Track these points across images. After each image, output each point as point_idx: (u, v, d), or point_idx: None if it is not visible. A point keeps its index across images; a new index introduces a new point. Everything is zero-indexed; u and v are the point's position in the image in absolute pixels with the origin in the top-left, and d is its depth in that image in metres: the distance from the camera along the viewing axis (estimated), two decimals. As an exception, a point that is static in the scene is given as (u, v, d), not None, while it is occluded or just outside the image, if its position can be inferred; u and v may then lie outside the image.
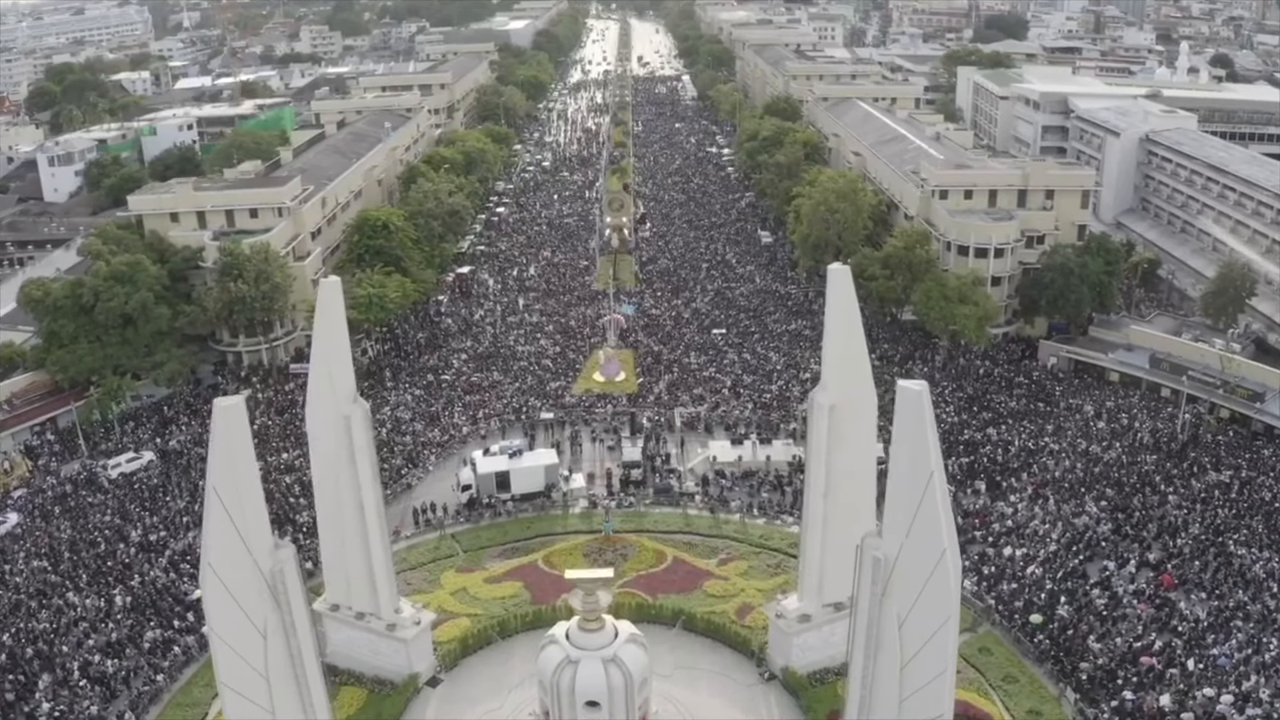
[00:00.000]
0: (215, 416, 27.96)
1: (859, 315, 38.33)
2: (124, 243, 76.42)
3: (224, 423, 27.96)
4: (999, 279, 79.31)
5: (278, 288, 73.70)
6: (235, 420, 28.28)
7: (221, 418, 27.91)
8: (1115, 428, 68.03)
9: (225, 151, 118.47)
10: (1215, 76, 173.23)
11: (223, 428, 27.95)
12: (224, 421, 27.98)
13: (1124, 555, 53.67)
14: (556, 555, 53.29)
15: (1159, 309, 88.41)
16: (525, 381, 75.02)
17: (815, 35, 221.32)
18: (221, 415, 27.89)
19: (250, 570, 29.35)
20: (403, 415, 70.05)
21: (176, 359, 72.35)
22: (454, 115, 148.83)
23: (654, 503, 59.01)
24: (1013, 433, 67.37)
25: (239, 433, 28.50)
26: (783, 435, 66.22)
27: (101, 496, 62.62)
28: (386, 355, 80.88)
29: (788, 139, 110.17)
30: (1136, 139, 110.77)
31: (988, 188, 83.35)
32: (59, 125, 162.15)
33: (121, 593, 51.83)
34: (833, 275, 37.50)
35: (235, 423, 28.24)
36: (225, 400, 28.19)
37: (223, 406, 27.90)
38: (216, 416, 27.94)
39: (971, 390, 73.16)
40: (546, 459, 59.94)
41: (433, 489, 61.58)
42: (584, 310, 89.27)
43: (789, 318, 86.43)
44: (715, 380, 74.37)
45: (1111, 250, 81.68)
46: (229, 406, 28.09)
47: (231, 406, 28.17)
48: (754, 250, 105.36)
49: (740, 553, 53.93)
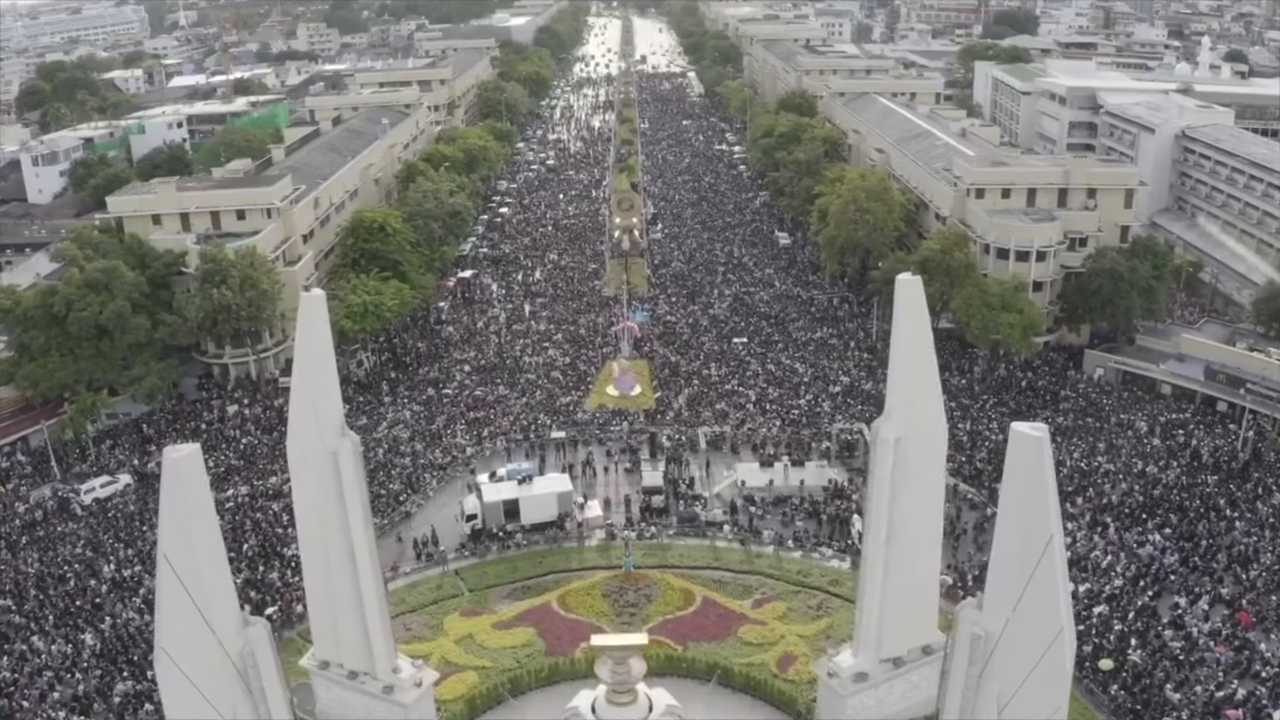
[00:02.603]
0: (166, 469, 22.60)
1: (930, 333, 32.95)
2: (101, 247, 71.09)
3: (177, 476, 22.60)
4: (1040, 284, 74.06)
5: (265, 295, 68.16)
6: (190, 473, 22.89)
7: (173, 471, 22.54)
8: (1171, 445, 63.46)
9: (214, 149, 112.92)
10: (1238, 72, 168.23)
11: (175, 483, 22.60)
12: (176, 475, 22.61)
13: (1195, 590, 49.21)
14: (572, 596, 47.97)
15: (1204, 315, 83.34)
16: (533, 396, 69.62)
17: (824, 31, 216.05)
18: (173, 468, 22.51)
19: (214, 653, 24.05)
20: (400, 434, 64.66)
21: (156, 373, 66.87)
22: (454, 112, 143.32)
23: (678, 533, 53.63)
24: (1063, 451, 62.26)
25: (195, 487, 23.13)
26: (815, 456, 60.88)
27: (73, 525, 57.93)
28: (383, 367, 75.42)
29: (806, 135, 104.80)
30: (1172, 135, 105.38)
31: (1026, 186, 77.91)
32: (48, 124, 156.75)
33: (92, 636, 47.21)
34: (902, 287, 32.11)
35: (190, 476, 22.86)
36: (177, 450, 22.76)
37: (174, 458, 22.50)
38: (168, 469, 22.59)
39: (1014, 404, 68.00)
40: (559, 486, 54.58)
41: (433, 517, 56.27)
42: (594, 317, 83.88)
43: (813, 325, 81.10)
44: (738, 394, 68.98)
45: (1158, 253, 76.47)
46: (181, 457, 22.67)
47: (184, 457, 22.74)
48: (771, 252, 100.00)
49: (777, 592, 48.62)
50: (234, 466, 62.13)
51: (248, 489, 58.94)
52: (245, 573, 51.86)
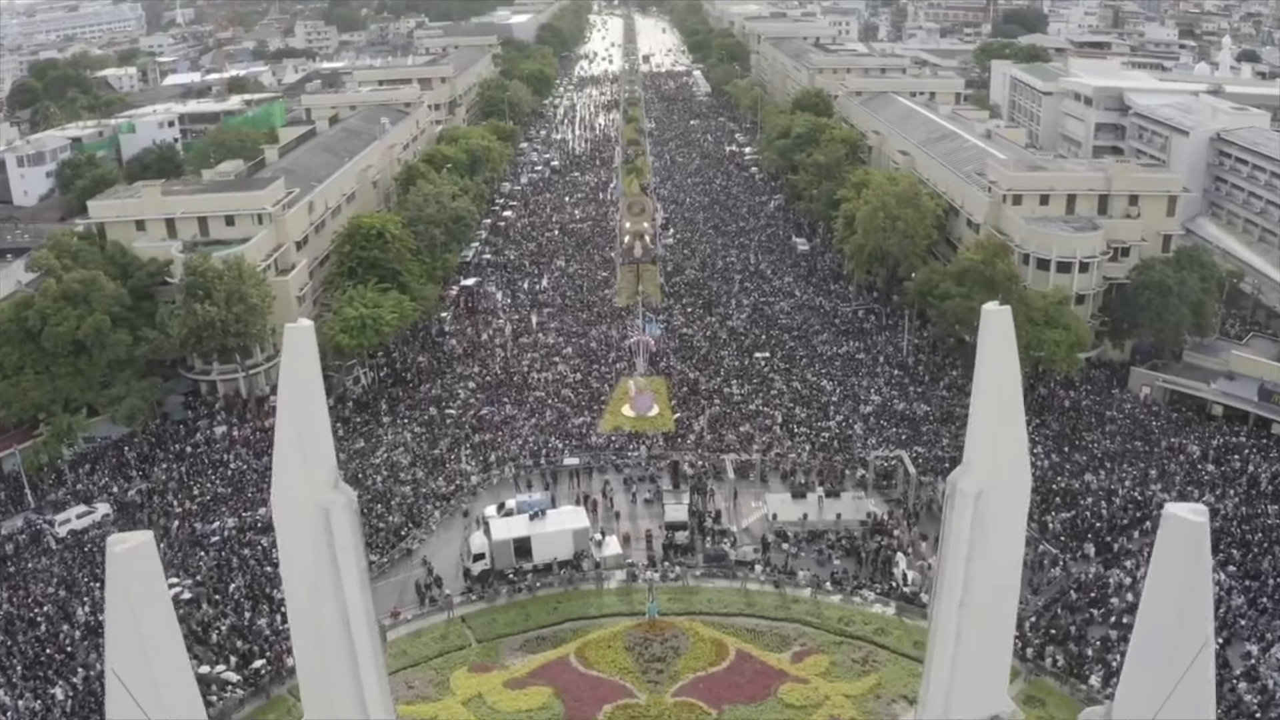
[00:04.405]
0: (111, 565, 17.94)
1: (1019, 373, 28.31)
2: (81, 256, 66.25)
3: (124, 573, 17.92)
4: (1082, 296, 69.50)
5: (253, 309, 63.16)
6: (140, 568, 18.17)
7: (120, 567, 17.84)
8: (1226, 471, 59.16)
9: (204, 150, 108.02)
10: (1258, 73, 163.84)
11: (122, 581, 17.93)
12: (124, 572, 17.93)
13: (1266, 636, 45.21)
14: (592, 648, 43.35)
15: (1249, 329, 78.77)
16: (543, 417, 64.87)
17: (833, 29, 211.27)
18: (120, 564, 17.80)
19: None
20: (400, 459, 59.94)
21: (137, 392, 62.01)
22: (456, 111, 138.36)
23: (705, 573, 49.00)
24: (1114, 479, 57.91)
25: (147, 585, 18.43)
26: (850, 485, 56.24)
27: (46, 561, 53.17)
28: (382, 384, 70.63)
29: (824, 136, 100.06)
30: (1206, 138, 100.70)
31: (1066, 192, 73.24)
32: (38, 123, 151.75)
33: (62, 690, 42.92)
34: (989, 318, 27.33)
35: (141, 572, 18.15)
36: (123, 541, 17.96)
37: (120, 551, 17.75)
38: (113, 566, 17.92)
39: (1058, 426, 63.55)
40: (575, 522, 49.88)
41: (437, 552, 51.69)
42: (606, 329, 79.12)
43: (838, 338, 76.37)
44: (763, 414, 64.28)
45: (1205, 264, 71.89)
46: (128, 550, 17.88)
47: (132, 550, 17.90)
48: (790, 259, 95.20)
49: (818, 642, 44.04)
50: (221, 495, 57.45)
51: (235, 521, 54.28)
52: (231, 618, 47.39)
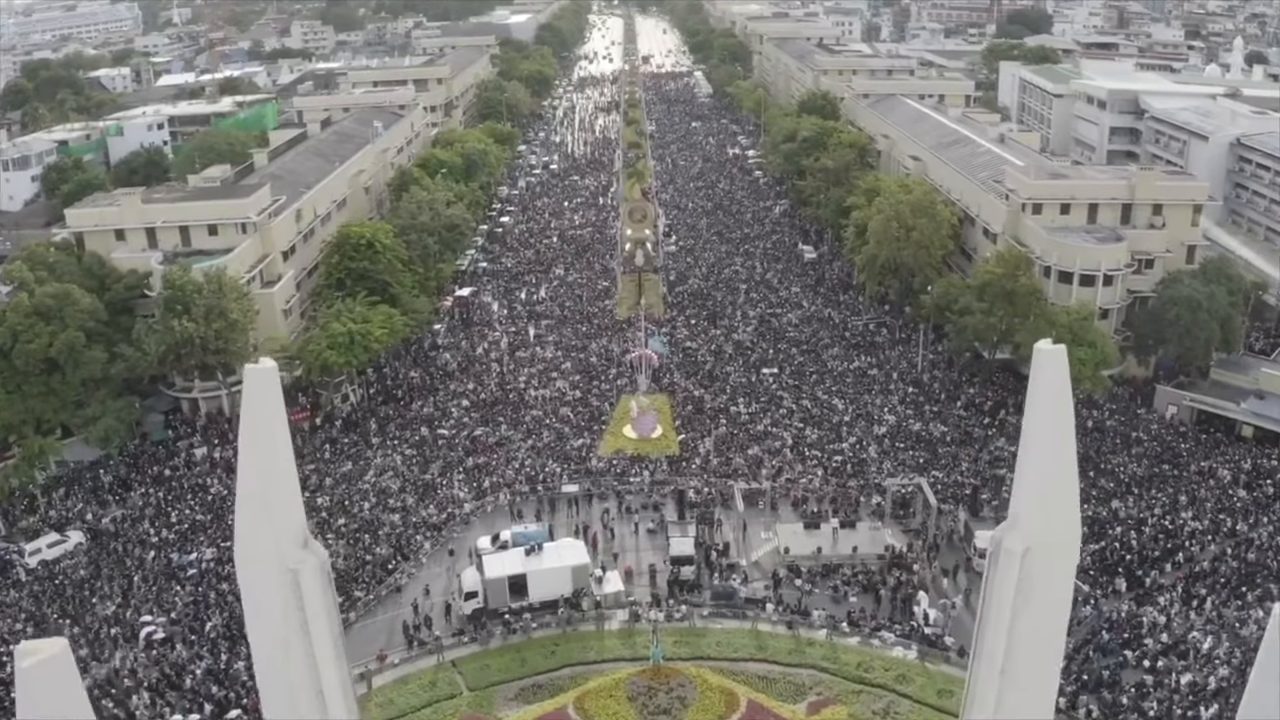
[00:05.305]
0: (21, 681, 14.81)
1: (1073, 419, 25.21)
2: (57, 268, 63.08)
3: (35, 693, 14.79)
4: (1106, 311, 66.48)
5: (234, 325, 59.68)
6: (56, 687, 15.03)
7: (30, 685, 14.72)
8: (1259, 497, 56.11)
9: (191, 154, 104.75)
10: (1270, 75, 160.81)
11: (32, 702, 14.79)
12: (35, 690, 14.80)
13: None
14: (592, 698, 40.18)
15: (1272, 342, 75.71)
16: (540, 438, 61.71)
17: (836, 29, 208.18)
18: (30, 681, 14.69)
19: None
20: (390, 484, 56.78)
21: (113, 413, 58.75)
22: (452, 113, 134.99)
23: (713, 613, 45.86)
24: (1142, 506, 54.94)
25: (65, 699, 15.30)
26: (865, 514, 53.13)
27: (15, 594, 50.16)
28: (372, 401, 67.45)
29: (832, 140, 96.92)
30: (1226, 143, 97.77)
31: (1088, 200, 70.12)
32: (28, 125, 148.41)
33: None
34: (1043, 358, 24.13)
35: (55, 692, 15.01)
36: (34, 652, 14.84)
37: (28, 665, 14.63)
38: (23, 681, 14.78)
39: (1082, 447, 60.20)
40: (574, 557, 46.70)
41: (428, 589, 48.48)
42: (606, 343, 75.95)
43: (849, 353, 73.20)
44: (772, 435, 61.18)
45: (1232, 277, 68.94)
46: (39, 663, 14.77)
47: (44, 663, 14.81)
48: (796, 268, 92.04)
49: (835, 691, 40.99)
50: (200, 523, 54.30)
51: (214, 552, 51.12)
52: (207, 659, 44.33)
